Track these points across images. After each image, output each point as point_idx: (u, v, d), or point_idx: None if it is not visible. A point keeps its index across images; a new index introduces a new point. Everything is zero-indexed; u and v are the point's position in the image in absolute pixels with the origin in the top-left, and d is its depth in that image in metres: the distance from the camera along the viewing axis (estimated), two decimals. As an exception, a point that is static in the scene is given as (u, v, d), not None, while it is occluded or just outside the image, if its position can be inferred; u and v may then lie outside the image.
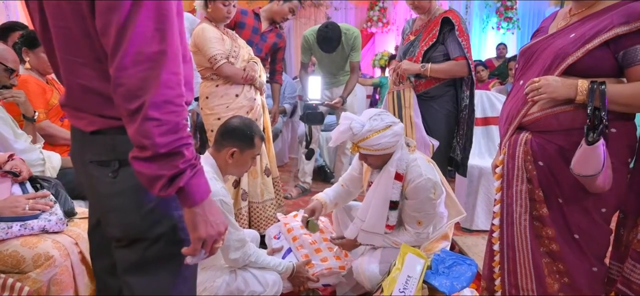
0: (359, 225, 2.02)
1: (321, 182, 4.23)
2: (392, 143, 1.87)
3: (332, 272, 2.07)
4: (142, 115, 0.84)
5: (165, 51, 0.86)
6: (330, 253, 2.15)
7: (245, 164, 1.82)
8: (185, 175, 0.89)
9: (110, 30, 0.84)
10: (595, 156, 1.26)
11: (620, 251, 1.52)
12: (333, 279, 2.11)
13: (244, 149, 1.77)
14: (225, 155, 1.75)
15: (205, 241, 0.98)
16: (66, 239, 1.61)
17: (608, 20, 1.33)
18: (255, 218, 2.64)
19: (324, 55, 3.57)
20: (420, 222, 1.96)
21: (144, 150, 0.86)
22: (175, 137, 0.87)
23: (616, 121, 1.35)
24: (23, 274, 1.48)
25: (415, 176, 1.89)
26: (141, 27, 0.84)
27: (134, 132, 0.85)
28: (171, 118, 0.86)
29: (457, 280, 1.77)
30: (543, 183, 1.47)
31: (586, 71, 1.36)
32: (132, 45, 0.83)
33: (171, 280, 1.07)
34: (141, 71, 0.84)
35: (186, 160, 0.89)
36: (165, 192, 0.89)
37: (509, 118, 1.54)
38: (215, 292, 1.76)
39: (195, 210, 0.94)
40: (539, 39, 1.52)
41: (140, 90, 0.84)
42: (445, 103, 2.55)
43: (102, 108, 0.97)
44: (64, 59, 0.98)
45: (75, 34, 0.93)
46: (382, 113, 1.91)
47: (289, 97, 4.74)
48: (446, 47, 2.46)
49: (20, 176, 1.69)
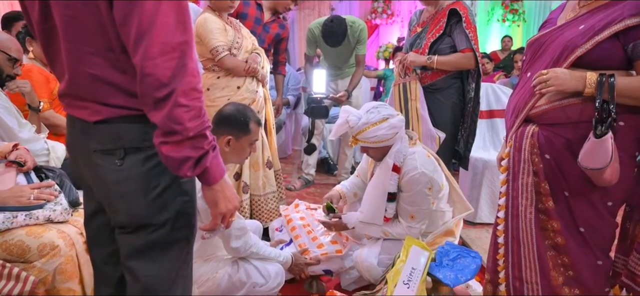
0: (359, 216, 2.03)
1: (325, 174, 4.23)
2: (390, 136, 1.88)
3: (329, 257, 2.06)
4: (172, 102, 0.89)
5: (188, 41, 0.91)
6: (326, 238, 2.15)
7: (243, 151, 1.80)
8: (209, 156, 0.97)
9: (132, 21, 0.88)
10: (603, 149, 1.25)
11: (625, 245, 1.51)
12: (332, 265, 2.11)
13: (240, 136, 1.75)
14: (221, 144, 1.73)
15: (224, 215, 1.06)
16: (71, 229, 1.61)
17: (618, 12, 1.31)
18: (256, 211, 2.64)
19: (330, 48, 3.54)
20: (413, 216, 1.96)
21: (173, 135, 0.91)
22: (200, 121, 0.93)
23: (624, 114, 1.33)
24: (28, 263, 1.49)
25: (410, 169, 1.89)
26: (164, 18, 0.88)
27: (163, 117, 0.90)
28: (196, 103, 0.92)
29: (461, 272, 1.77)
30: (549, 176, 1.46)
31: (595, 63, 1.34)
32: (158, 36, 0.87)
33: (174, 264, 1.10)
34: (169, 60, 0.88)
35: (209, 141, 0.96)
36: (192, 173, 0.95)
37: (516, 111, 1.53)
38: (217, 283, 1.76)
39: (215, 187, 1.02)
40: (547, 31, 1.50)
41: (170, 79, 0.88)
42: (451, 96, 2.53)
43: (108, 97, 0.99)
44: (70, 48, 0.98)
45: (87, 23, 0.95)
46: (380, 106, 1.92)
47: (293, 89, 4.73)
48: (453, 39, 2.44)
49: (25, 166, 1.69)
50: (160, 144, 0.93)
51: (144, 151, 1.01)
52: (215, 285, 1.75)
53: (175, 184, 1.06)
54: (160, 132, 0.92)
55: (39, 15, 1.02)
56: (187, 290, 1.17)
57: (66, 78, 1.03)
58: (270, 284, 1.83)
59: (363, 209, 2.02)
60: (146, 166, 1.02)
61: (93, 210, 1.16)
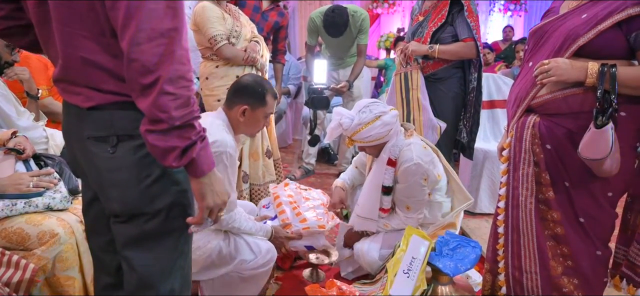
0: (356, 210, 2.03)
1: (325, 164, 4.22)
2: (384, 133, 1.88)
3: (311, 232, 2.02)
4: (158, 89, 0.86)
5: (178, 28, 0.89)
6: (311, 214, 2.11)
7: (257, 123, 1.78)
8: (197, 147, 0.94)
9: (120, 5, 0.86)
10: (604, 140, 1.24)
11: (626, 236, 1.52)
12: (314, 241, 2.07)
13: (256, 107, 1.74)
14: (236, 113, 1.72)
15: (212, 209, 1.04)
16: (71, 217, 1.62)
17: (621, 1, 1.30)
18: (256, 201, 2.64)
19: (331, 38, 3.52)
20: (408, 207, 1.97)
21: (159, 123, 0.89)
22: (188, 110, 0.90)
23: (626, 105, 1.32)
24: (28, 251, 1.49)
25: (406, 160, 1.89)
26: (153, 3, 0.86)
27: (149, 105, 0.88)
28: (184, 92, 0.89)
29: (461, 262, 1.77)
30: (550, 167, 1.45)
31: (597, 53, 1.34)
32: (146, 22, 0.85)
33: (169, 254, 1.09)
34: (156, 47, 0.86)
35: (197, 132, 0.94)
36: (177, 163, 0.93)
37: (518, 101, 1.52)
38: (208, 253, 1.74)
39: (203, 180, 0.99)
40: (550, 20, 1.49)
41: (156, 65, 0.86)
42: (453, 86, 2.52)
43: (100, 83, 0.98)
44: (63, 31, 0.97)
45: (79, 6, 0.93)
46: (371, 104, 1.91)
47: (294, 78, 4.70)
48: (455, 28, 2.43)
49: (24, 153, 1.68)
50: (146, 132, 0.91)
51: (136, 139, 1.00)
52: (206, 255, 1.73)
53: (169, 173, 1.04)
54: (146, 120, 0.90)
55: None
56: (185, 281, 1.15)
57: (60, 62, 1.01)
58: (260, 260, 1.80)
59: (360, 203, 2.03)
60: (138, 154, 1.01)
61: (90, 197, 1.16)
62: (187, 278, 1.17)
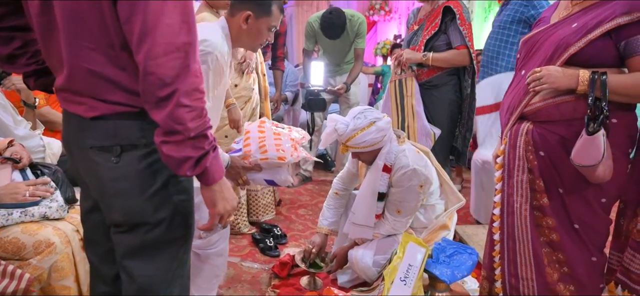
0: (352, 218, 2.03)
1: (322, 170, 4.23)
2: (379, 138, 1.89)
3: (270, 163, 1.85)
4: (175, 102, 0.89)
5: (192, 42, 0.91)
6: (273, 147, 1.90)
7: (259, 34, 1.65)
8: (210, 156, 0.97)
9: (136, 19, 0.88)
10: (595, 146, 1.25)
11: (620, 241, 1.52)
12: (275, 174, 1.90)
13: (260, 16, 1.62)
14: (239, 19, 1.60)
15: (222, 216, 1.06)
16: (67, 226, 1.62)
17: (610, 10, 1.32)
18: (253, 206, 2.65)
19: (329, 42, 3.51)
20: (399, 210, 1.98)
21: (174, 135, 0.92)
22: (202, 121, 0.93)
23: (617, 111, 1.34)
24: (24, 261, 1.49)
25: (402, 166, 1.91)
26: (169, 19, 0.88)
27: (164, 117, 0.90)
28: (198, 104, 0.92)
29: (457, 269, 1.77)
30: (544, 173, 1.46)
31: (588, 61, 1.35)
32: (162, 36, 0.88)
33: (170, 264, 1.10)
34: (172, 60, 0.88)
35: (209, 142, 0.97)
36: (191, 172, 0.96)
37: (511, 108, 1.53)
38: None
39: (214, 187, 1.02)
40: (541, 29, 1.51)
41: (172, 78, 0.89)
42: (448, 92, 2.56)
43: (105, 94, 0.99)
44: (71, 42, 0.98)
45: (89, 18, 0.94)
46: (366, 111, 1.92)
47: (291, 85, 4.71)
48: (448, 36, 2.48)
49: (21, 162, 1.68)
50: (162, 143, 0.93)
51: (140, 148, 1.01)
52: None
53: (172, 183, 1.05)
54: (161, 131, 0.93)
55: (38, 8, 1.01)
56: (184, 290, 1.16)
57: (64, 72, 1.02)
58: (214, 237, 1.69)
59: (355, 210, 2.03)
60: (142, 164, 1.02)
61: (89, 207, 1.16)
62: (186, 286, 1.17)
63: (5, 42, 1.15)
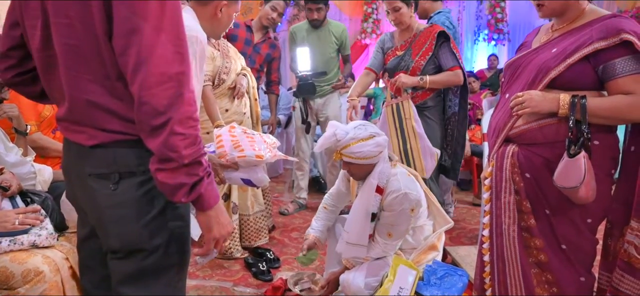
0: (345, 237, 2.03)
1: (317, 194, 4.21)
2: (374, 153, 1.90)
3: (247, 161, 1.81)
4: (169, 130, 0.91)
5: (185, 72, 0.94)
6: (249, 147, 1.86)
7: (229, 22, 1.62)
8: (204, 182, 0.98)
9: (131, 51, 0.90)
10: (577, 168, 1.28)
11: (608, 261, 1.53)
12: (252, 173, 1.86)
13: (231, 4, 1.57)
14: (212, 8, 1.53)
15: (217, 240, 1.07)
16: (57, 254, 1.60)
17: (588, 36, 1.36)
18: (245, 231, 2.63)
19: (314, 44, 3.41)
20: (390, 234, 1.98)
21: (169, 162, 0.93)
22: (196, 148, 0.95)
23: (599, 133, 1.37)
24: (12, 290, 1.47)
25: (394, 190, 1.91)
26: (162, 50, 0.91)
27: (159, 145, 0.92)
28: (192, 131, 0.94)
29: (448, 290, 1.78)
30: (530, 195, 1.48)
31: (568, 85, 1.39)
32: (155, 66, 0.90)
33: (166, 290, 1.10)
34: (166, 90, 0.91)
35: (204, 168, 0.98)
36: (186, 199, 0.97)
37: (497, 131, 1.56)
38: None
39: (209, 213, 1.03)
40: (523, 54, 1.55)
41: (166, 107, 0.91)
42: (437, 113, 2.68)
43: (104, 123, 1.01)
44: (70, 75, 1.01)
45: (86, 52, 0.98)
46: (367, 124, 1.95)
47: (284, 108, 4.75)
48: (438, 59, 2.59)
49: (10, 190, 1.68)
50: (156, 171, 0.95)
51: (138, 176, 1.03)
52: None
53: (169, 209, 1.07)
54: (156, 159, 0.94)
55: (40, 43, 1.04)
56: None
57: (66, 105, 1.05)
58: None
59: (348, 230, 2.03)
60: (140, 191, 1.03)
61: (86, 234, 1.17)
62: None
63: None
